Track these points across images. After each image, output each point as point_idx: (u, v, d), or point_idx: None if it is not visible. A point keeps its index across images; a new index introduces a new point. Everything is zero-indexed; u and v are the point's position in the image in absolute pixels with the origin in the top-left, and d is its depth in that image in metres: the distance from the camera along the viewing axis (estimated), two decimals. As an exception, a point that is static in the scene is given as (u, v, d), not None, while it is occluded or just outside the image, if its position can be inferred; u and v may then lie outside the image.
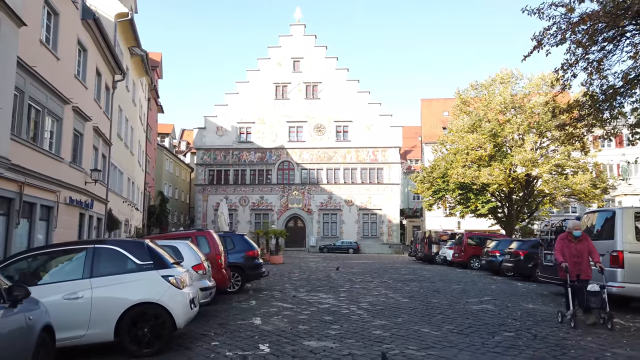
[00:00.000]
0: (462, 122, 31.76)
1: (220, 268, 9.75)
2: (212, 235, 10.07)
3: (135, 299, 5.72)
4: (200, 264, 8.19)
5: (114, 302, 5.67)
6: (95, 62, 18.00)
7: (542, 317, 8.60)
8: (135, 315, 5.72)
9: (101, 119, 19.06)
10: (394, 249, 45.87)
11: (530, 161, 29.77)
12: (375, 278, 16.18)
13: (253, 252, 12.29)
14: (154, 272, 5.91)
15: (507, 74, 32.68)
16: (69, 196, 14.96)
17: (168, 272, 6.00)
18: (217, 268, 9.62)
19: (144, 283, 5.80)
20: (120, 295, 5.71)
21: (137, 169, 30.07)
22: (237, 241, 12.36)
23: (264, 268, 12.98)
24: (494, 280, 16.41)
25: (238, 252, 12.01)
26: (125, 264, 5.93)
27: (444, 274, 18.42)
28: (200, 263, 8.19)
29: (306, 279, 15.58)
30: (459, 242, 23.01)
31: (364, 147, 47.24)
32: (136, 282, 5.77)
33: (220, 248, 10.12)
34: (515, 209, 33.24)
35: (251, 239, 34.70)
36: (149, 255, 5.99)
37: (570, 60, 9.32)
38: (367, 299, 10.84)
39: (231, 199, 47.53)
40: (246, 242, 12.51)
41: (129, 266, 5.90)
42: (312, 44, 49.24)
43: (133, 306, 5.69)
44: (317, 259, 31.86)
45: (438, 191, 34.34)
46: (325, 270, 20.07)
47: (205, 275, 8.30)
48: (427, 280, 15.70)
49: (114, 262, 5.91)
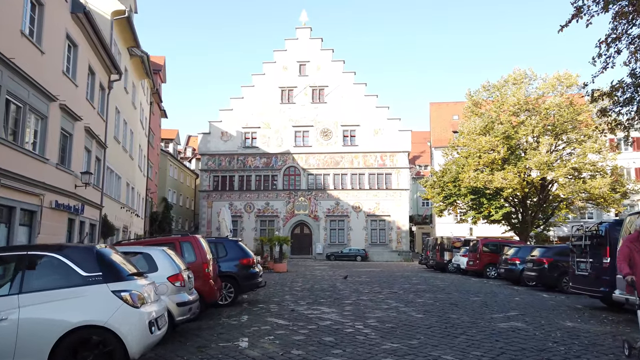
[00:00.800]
0: (474, 124, 30.54)
1: (208, 278, 8.62)
2: (198, 241, 8.94)
3: (75, 321, 4.54)
4: (178, 275, 7.04)
5: (47, 326, 4.49)
6: (87, 59, 17.09)
7: (588, 339, 7.25)
8: (76, 342, 4.57)
9: (94, 120, 18.12)
10: (403, 256, 44.51)
11: (546, 164, 28.48)
12: (384, 288, 14.98)
13: (248, 260, 11.13)
14: (103, 286, 4.75)
15: (520, 74, 31.47)
16: (55, 200, 13.96)
17: (121, 286, 4.83)
18: (204, 278, 8.50)
19: (89, 300, 4.63)
20: (57, 316, 4.53)
21: (137, 174, 29.16)
22: (230, 248, 11.21)
23: (262, 278, 11.81)
24: (516, 290, 15.09)
25: (231, 260, 10.86)
26: (66, 276, 4.76)
27: (459, 284, 17.13)
28: (178, 273, 7.04)
29: (309, 289, 14.42)
30: (474, 249, 21.70)
31: (371, 151, 46.08)
32: (78, 299, 4.60)
33: (208, 255, 8.99)
34: (529, 214, 31.88)
35: (256, 246, 34.15)
36: (97, 265, 4.83)
37: (616, 32, 8.06)
38: (376, 313, 9.64)
39: (236, 205, 46.51)
40: (240, 249, 11.34)
41: (71, 279, 4.74)
42: (319, 47, 48.34)
43: (73, 330, 4.51)
44: (323, 267, 30.65)
45: (449, 196, 33.06)
46: (330, 279, 18.87)
47: (185, 287, 7.15)
48: (441, 290, 14.48)
49: (52, 274, 4.76)
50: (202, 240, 9.12)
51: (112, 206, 22.27)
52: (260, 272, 11.77)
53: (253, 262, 11.19)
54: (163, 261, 6.98)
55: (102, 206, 19.66)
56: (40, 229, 12.99)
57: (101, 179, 19.73)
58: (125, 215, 25.44)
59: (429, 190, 34.78)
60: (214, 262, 9.38)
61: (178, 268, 7.13)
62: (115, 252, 5.48)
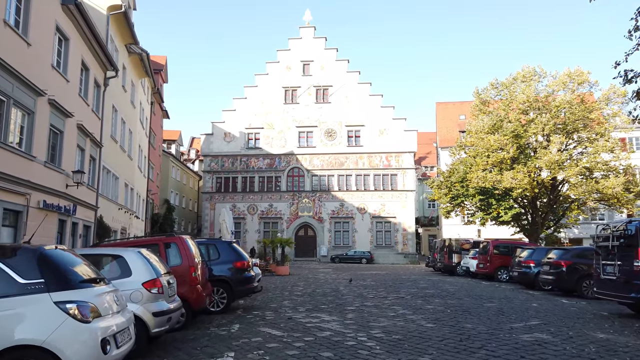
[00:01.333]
0: (482, 122, 29.66)
1: (195, 283, 7.83)
2: (184, 243, 8.13)
3: (7, 341, 3.69)
4: (156, 280, 6.24)
5: (-30, 346, 3.66)
6: (80, 54, 16.44)
7: (629, 355, 6.32)
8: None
9: (88, 117, 17.46)
10: (409, 258, 43.62)
11: (557, 164, 27.57)
12: (390, 293, 14.14)
13: (242, 262, 10.32)
14: (44, 296, 3.93)
15: (529, 71, 30.59)
16: (43, 200, 13.28)
17: (68, 296, 4.02)
18: (190, 283, 7.72)
19: (24, 314, 3.82)
20: (-17, 333, 3.69)
21: (137, 175, 28.51)
22: (223, 250, 10.41)
23: (258, 282, 11.02)
24: (532, 295, 14.14)
25: (224, 262, 10.08)
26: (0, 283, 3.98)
27: (469, 288, 16.23)
28: (155, 279, 6.24)
29: (310, 294, 13.62)
30: (484, 252, 20.80)
31: (376, 152, 45.26)
32: (11, 312, 3.79)
33: (197, 258, 8.22)
34: (540, 215, 30.94)
35: (259, 249, 33.36)
36: (39, 270, 4.03)
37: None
38: (381, 322, 8.81)
39: (239, 207, 45.84)
40: (234, 251, 10.54)
41: (4, 287, 3.94)
42: (322, 47, 47.65)
43: (4, 351, 3.70)
44: (327, 269, 29.86)
45: (456, 197, 32.17)
46: (334, 282, 18.07)
47: (163, 294, 6.37)
48: (451, 295, 13.59)
49: (-20, 281, 3.94)
50: (189, 242, 8.33)
51: (109, 207, 21.61)
52: (256, 275, 10.97)
53: (248, 265, 10.39)
54: (138, 264, 6.18)
55: (97, 207, 18.99)
56: (26, 230, 12.30)
57: (96, 179, 19.06)
58: (124, 216, 24.79)
59: (435, 191, 33.91)
60: (203, 265, 8.60)
61: (156, 272, 6.34)
62: (73, 254, 4.71)
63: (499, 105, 30.98)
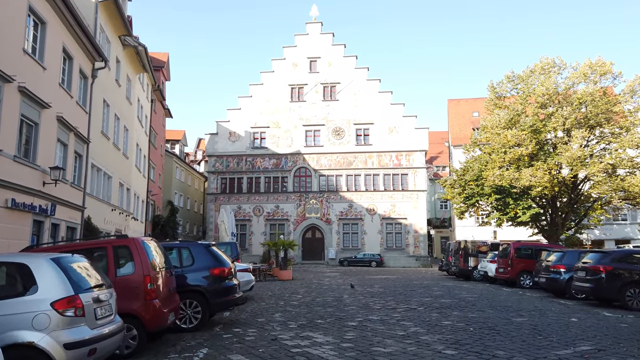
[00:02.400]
0: (498, 117, 27.92)
1: (151, 297, 6.30)
2: (139, 246, 6.51)
3: None
4: (72, 299, 4.65)
5: None
6: (61, 40, 15.12)
7: None
8: None
9: (72, 110, 16.14)
10: (421, 262, 41.85)
11: (579, 160, 25.75)
12: (399, 302, 12.46)
13: (221, 269, 8.56)
14: None
15: (547, 63, 28.79)
16: (12, 198, 11.93)
17: None
18: (145, 297, 6.22)
19: None
20: None
21: (134, 175, 27.23)
22: (198, 254, 8.64)
23: (250, 289, 9.52)
24: (565, 306, 12.26)
25: (198, 270, 8.49)
26: None
27: (490, 296, 14.45)
28: (71, 296, 4.66)
29: (308, 304, 12.04)
30: (505, 255, 19.01)
31: (386, 151, 43.59)
32: None
33: (157, 266, 6.68)
34: (560, 216, 29.09)
35: (264, 252, 31.80)
36: None
37: None
38: (387, 346, 7.06)
39: (245, 208, 44.48)
40: (211, 256, 8.74)
41: None
42: (330, 43, 46.17)
43: None
44: (334, 273, 28.30)
45: (471, 196, 30.41)
46: (338, 289, 16.49)
47: (84, 317, 4.79)
48: (471, 306, 11.82)
49: None
50: (148, 244, 6.73)
51: (100, 208, 20.29)
52: (240, 284, 9.39)
53: (229, 272, 8.84)
54: (48, 277, 4.61)
55: (84, 207, 17.66)
56: (-11, 231, 10.95)
57: (83, 177, 17.74)
58: (118, 218, 23.47)
59: (448, 190, 32.16)
60: (167, 274, 7.05)
61: (76, 287, 4.78)
62: None
63: (516, 99, 29.25)
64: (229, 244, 18.81)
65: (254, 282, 12.80)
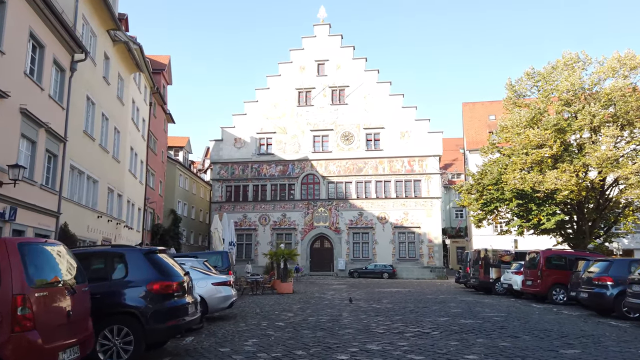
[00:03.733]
0: (519, 115, 25.75)
1: (23, 328, 4.05)
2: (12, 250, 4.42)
3: None
4: None
5: None
6: (27, 24, 13.51)
7: None
8: None
9: (41, 103, 14.49)
10: (436, 273, 39.45)
11: (609, 161, 23.43)
12: (409, 324, 10.19)
13: (164, 284, 6.45)
14: None
15: (570, 58, 26.57)
16: (-49, 199, 10.19)
17: None
18: (14, 328, 4.09)
19: None
20: None
21: (128, 181, 25.57)
22: (133, 264, 6.53)
23: (200, 314, 7.36)
24: (621, 329, 9.88)
25: (133, 284, 6.44)
26: None
27: (521, 315, 12.04)
28: None
29: (296, 326, 9.87)
30: (533, 265, 16.67)
31: (398, 156, 41.49)
32: None
33: (52, 281, 4.66)
34: (586, 222, 26.65)
35: (267, 262, 29.78)
36: None
37: None
38: None
39: (250, 217, 42.67)
40: (153, 266, 6.63)
41: None
42: (338, 45, 44.46)
43: None
44: (341, 286, 26.18)
45: (489, 202, 28.07)
46: (339, 305, 14.35)
47: None
48: (499, 329, 9.45)
49: None
50: (34, 248, 4.75)
51: (82, 214, 18.56)
52: (196, 303, 7.27)
53: (177, 288, 6.68)
54: None
55: (59, 213, 15.94)
56: None
57: (59, 179, 16.03)
58: (107, 226, 21.73)
59: (465, 196, 29.88)
60: (62, 292, 4.92)
61: None
62: None
63: (537, 98, 27.07)
64: (220, 253, 16.94)
65: (234, 297, 10.82)
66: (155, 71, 33.78)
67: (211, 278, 10.37)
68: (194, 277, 10.16)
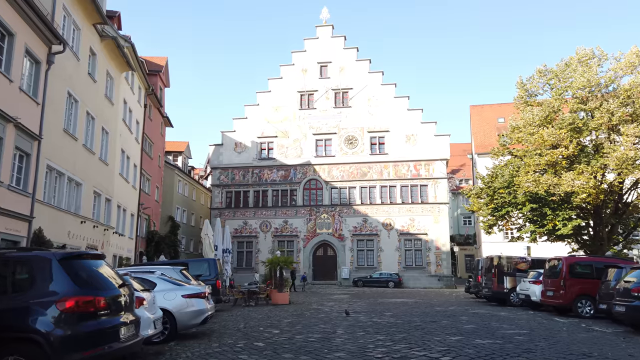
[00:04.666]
0: (532, 114, 24.25)
1: None
2: None
3: None
4: None
5: None
6: (-9, 8, 12.27)
7: None
8: None
9: (10, 96, 13.23)
10: (444, 282, 37.78)
11: (630, 162, 21.84)
12: (413, 345, 8.52)
13: (82, 299, 5.00)
14: None
15: (585, 54, 25.05)
16: None
17: None
18: None
19: None
20: None
21: (118, 185, 24.29)
22: (42, 273, 5.10)
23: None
24: None
25: (39, 301, 4.95)
26: None
27: (546, 333, 10.37)
28: None
29: (277, 348, 8.25)
30: (554, 273, 15.01)
31: (403, 160, 40.02)
32: None
33: None
34: (604, 228, 24.98)
35: (266, 271, 28.38)
36: None
37: None
38: None
39: (251, 224, 41.30)
40: (69, 275, 5.15)
41: None
42: (341, 46, 43.25)
43: None
44: (343, 296, 24.64)
45: (500, 207, 26.47)
46: (335, 319, 12.81)
47: None
48: (524, 352, 7.82)
49: None
50: None
51: (61, 219, 17.23)
52: (136, 323, 5.79)
53: (103, 304, 5.16)
54: None
55: (32, 217, 14.60)
56: None
57: (32, 180, 14.73)
58: (93, 232, 20.39)
59: (474, 200, 28.30)
60: None
61: None
62: None
63: (552, 97, 25.55)
64: (207, 260, 15.54)
65: (209, 312, 9.38)
66: (151, 72, 32.67)
67: (182, 289, 8.97)
68: (161, 289, 8.79)
